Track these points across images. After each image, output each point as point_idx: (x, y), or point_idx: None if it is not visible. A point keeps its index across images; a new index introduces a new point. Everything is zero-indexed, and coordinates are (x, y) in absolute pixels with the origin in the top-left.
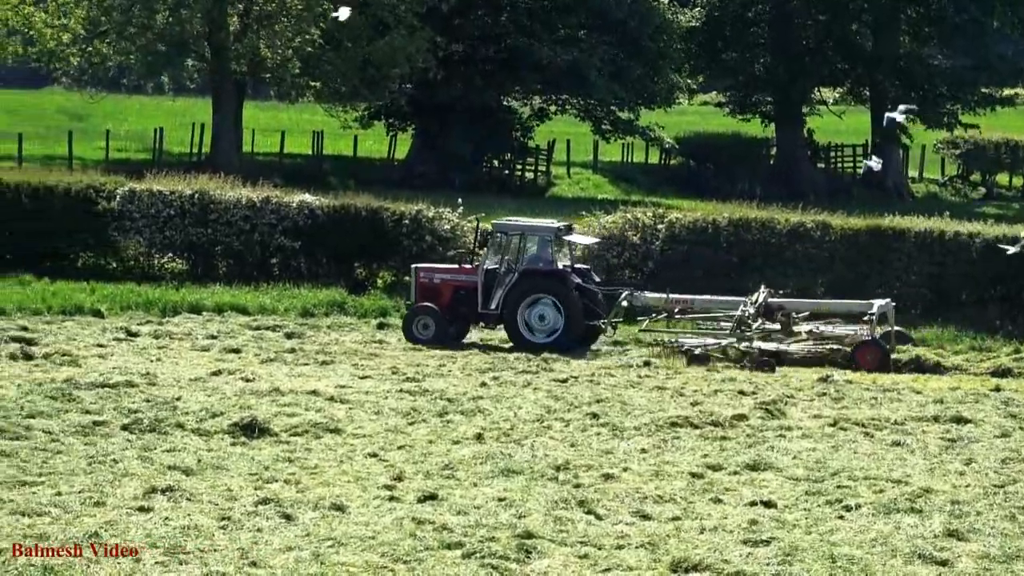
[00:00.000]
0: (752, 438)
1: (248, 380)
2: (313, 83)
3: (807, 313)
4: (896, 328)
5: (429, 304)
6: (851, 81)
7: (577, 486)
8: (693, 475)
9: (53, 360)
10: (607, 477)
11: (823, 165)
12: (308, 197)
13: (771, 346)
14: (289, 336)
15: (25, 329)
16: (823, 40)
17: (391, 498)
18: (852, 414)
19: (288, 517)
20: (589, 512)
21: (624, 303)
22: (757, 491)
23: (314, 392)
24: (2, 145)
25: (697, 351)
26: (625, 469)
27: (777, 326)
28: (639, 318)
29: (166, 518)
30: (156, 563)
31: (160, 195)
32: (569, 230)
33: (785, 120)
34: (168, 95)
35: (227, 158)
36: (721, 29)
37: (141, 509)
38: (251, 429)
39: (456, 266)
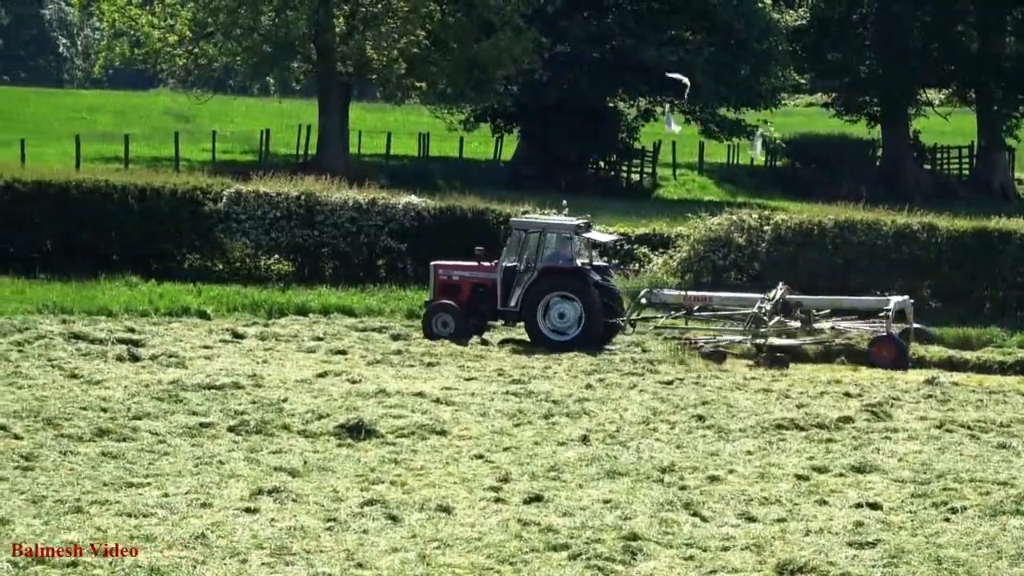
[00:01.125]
0: (858, 440)
1: (354, 382)
2: (419, 84)
3: (828, 310)
4: (916, 325)
5: (448, 301)
6: (957, 83)
7: (683, 488)
8: (799, 477)
9: (160, 362)
10: (712, 479)
11: (929, 166)
12: (414, 199)
13: (783, 342)
14: (395, 338)
15: (132, 331)
16: (929, 41)
17: (497, 499)
18: (958, 416)
19: (394, 518)
20: (694, 514)
21: (644, 300)
22: (863, 493)
23: (420, 394)
24: (109, 146)
25: (712, 348)
26: (731, 471)
27: (796, 323)
28: (658, 316)
29: (272, 519)
30: (262, 564)
31: (266, 196)
32: (587, 227)
33: (891, 121)
34: (274, 96)
35: (333, 159)
36: (827, 30)
37: (247, 510)
38: (357, 430)
39: (475, 263)
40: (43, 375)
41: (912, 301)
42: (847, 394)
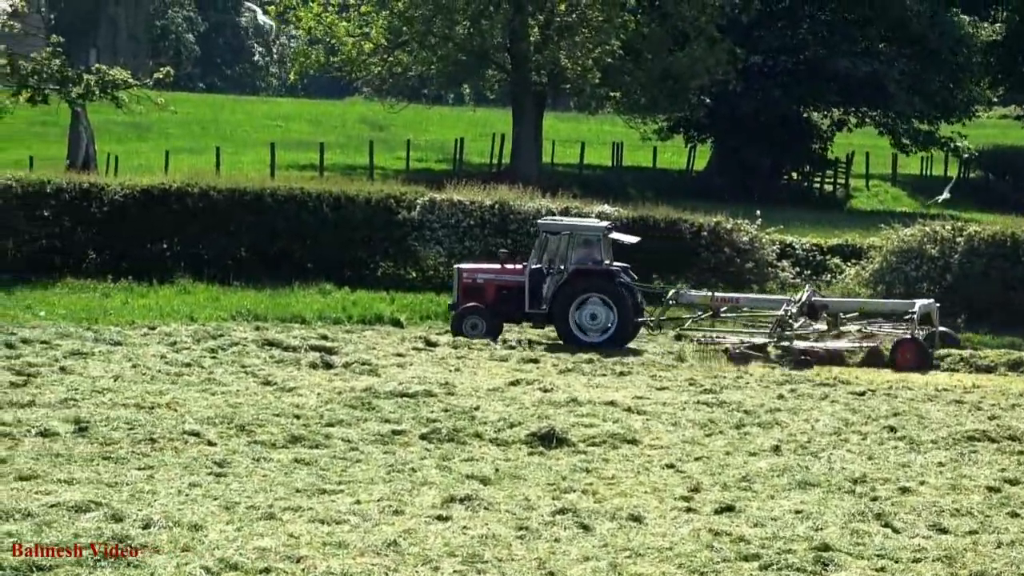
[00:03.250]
0: None
1: (546, 390)
2: (613, 94)
3: (855, 312)
4: (941, 328)
5: (477, 304)
6: None
7: (874, 499)
8: (990, 489)
9: (353, 369)
10: (904, 490)
11: None
12: (607, 208)
13: (806, 345)
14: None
15: (325, 338)
16: None
17: (688, 509)
18: None
19: (585, 527)
20: (886, 525)
21: (671, 301)
22: None
23: (612, 403)
24: (305, 154)
25: (737, 350)
26: (922, 482)
27: (823, 326)
28: (684, 316)
29: (464, 527)
30: (454, 572)
31: (460, 205)
32: (611, 229)
33: None
34: (468, 105)
35: (527, 168)
36: (1022, 43)
37: (439, 518)
38: (549, 439)
39: (499, 266)
40: (237, 382)
41: (938, 304)
42: None
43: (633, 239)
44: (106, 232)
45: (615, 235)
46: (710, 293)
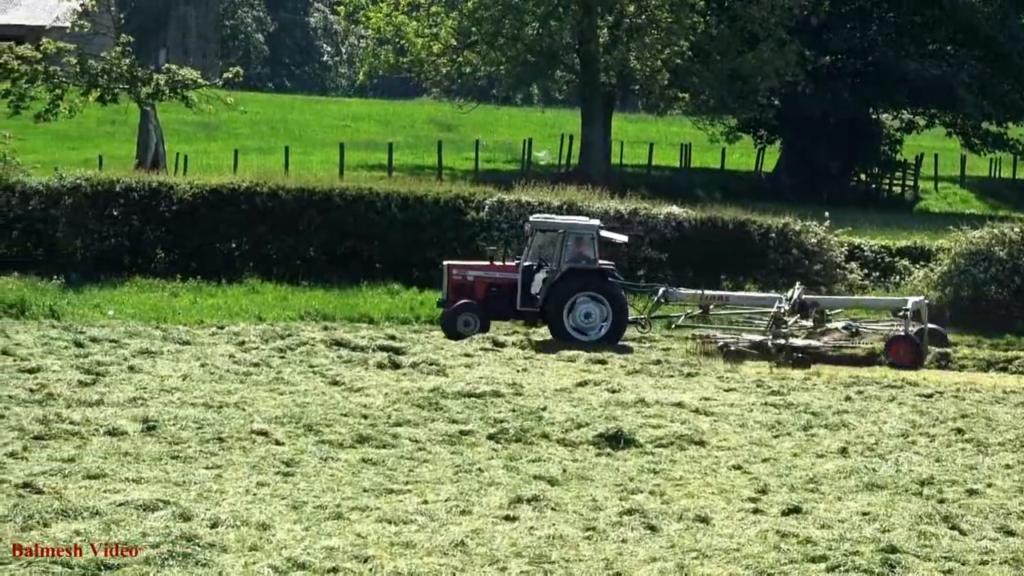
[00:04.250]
0: None
1: (613, 391)
2: (682, 95)
3: (839, 310)
4: (931, 326)
5: (470, 301)
6: None
7: (941, 501)
8: None
9: (420, 369)
10: (971, 492)
11: None
12: (675, 209)
13: (803, 343)
14: (654, 347)
15: (393, 338)
16: None
17: (755, 511)
18: None
19: (653, 528)
20: (953, 527)
21: (662, 300)
22: None
23: (679, 404)
24: (374, 155)
25: (732, 347)
26: (989, 485)
27: (811, 323)
28: (672, 315)
29: (531, 528)
30: (521, 572)
31: (528, 206)
32: (602, 228)
33: None
34: (537, 106)
35: (595, 169)
36: None
37: (507, 518)
38: (616, 440)
39: (488, 263)
40: (305, 381)
41: (928, 301)
42: None
43: (623, 237)
44: (175, 231)
45: (605, 233)
46: (700, 291)
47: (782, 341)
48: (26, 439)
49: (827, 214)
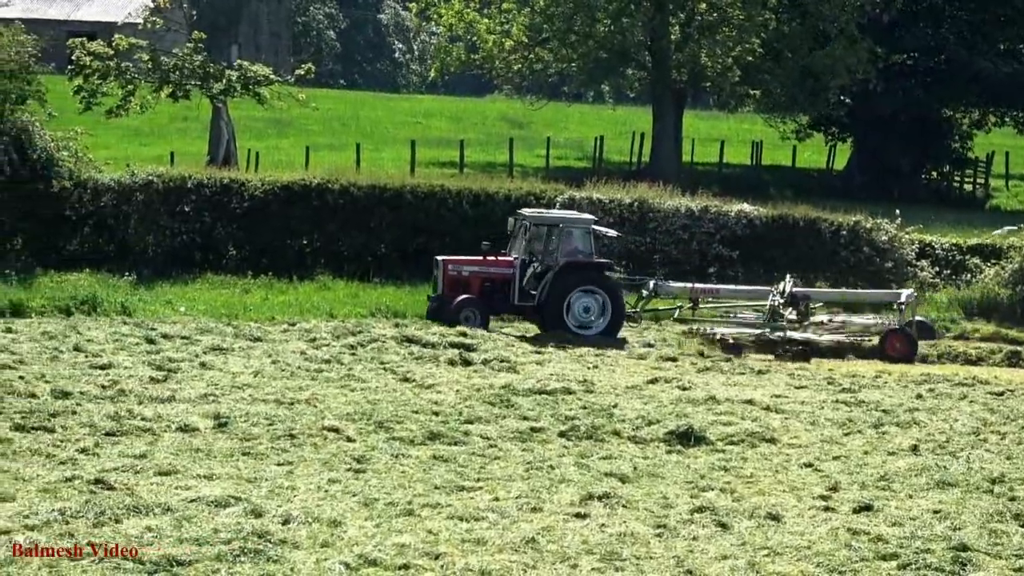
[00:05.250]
0: None
1: (684, 388)
2: (753, 93)
3: (821, 303)
4: (918, 318)
5: (470, 296)
6: None
7: (1012, 499)
8: None
9: (492, 366)
10: None
11: None
12: (746, 206)
13: (801, 336)
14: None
15: (464, 335)
16: None
17: (826, 508)
18: None
19: (723, 526)
20: None
21: (651, 293)
22: None
23: (750, 401)
24: (444, 151)
25: (731, 340)
26: None
27: (794, 315)
28: (662, 308)
29: (602, 525)
30: (592, 569)
31: (599, 203)
32: (595, 222)
33: None
34: (608, 103)
35: (666, 167)
36: None
37: (578, 515)
38: (687, 437)
39: (481, 258)
40: (376, 378)
41: (916, 295)
42: None
43: (613, 232)
44: (246, 228)
45: (597, 228)
46: (689, 284)
47: (781, 334)
48: (98, 435)
49: (898, 212)
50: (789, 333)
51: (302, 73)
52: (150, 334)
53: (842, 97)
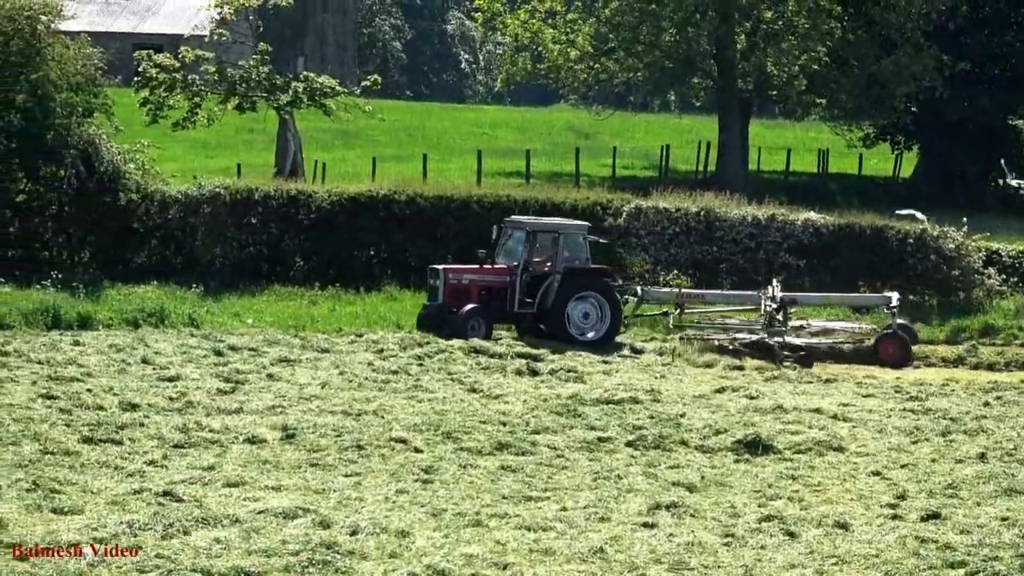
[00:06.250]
0: None
1: (752, 397)
2: (819, 101)
3: (796, 308)
4: (900, 322)
5: (476, 305)
6: None
7: None
8: None
9: (559, 376)
10: None
11: None
12: (813, 215)
13: (800, 341)
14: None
15: (531, 345)
16: None
17: (894, 516)
18: None
19: (791, 534)
20: None
21: (636, 298)
22: None
23: (817, 410)
24: (511, 162)
25: (729, 345)
26: None
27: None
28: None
29: (670, 534)
30: None
31: (666, 212)
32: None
33: None
34: (674, 112)
35: (733, 175)
36: None
37: (645, 525)
38: (754, 446)
39: (478, 266)
40: (443, 389)
41: (900, 297)
42: None
43: (604, 240)
44: (313, 239)
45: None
46: (675, 290)
47: (780, 339)
48: (166, 447)
49: (964, 219)
50: (787, 338)
51: (368, 84)
52: (218, 346)
53: (908, 105)
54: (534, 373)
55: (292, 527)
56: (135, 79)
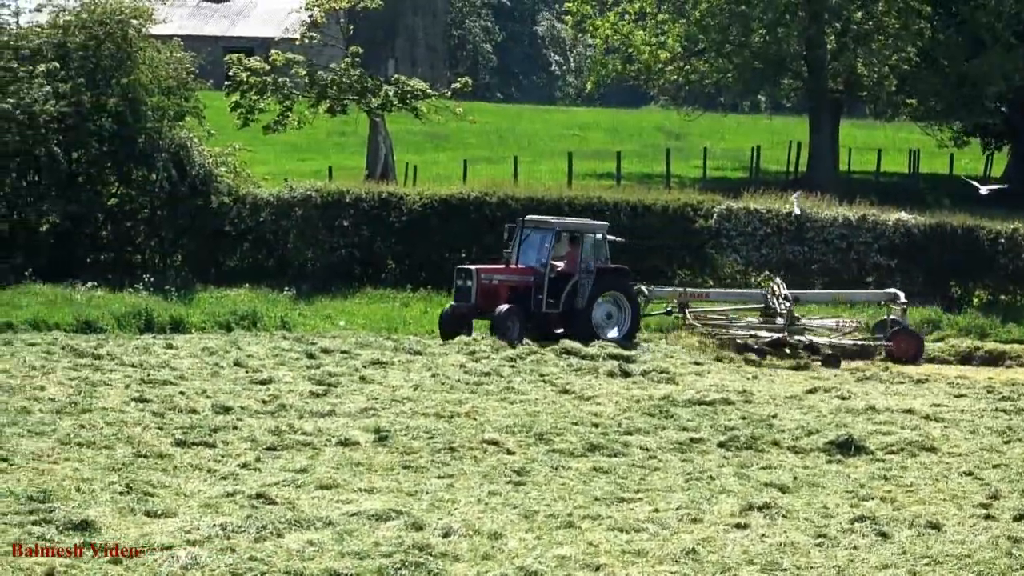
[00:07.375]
0: None
1: (844, 398)
2: (909, 101)
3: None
4: (892, 317)
5: (513, 305)
6: None
7: None
8: None
9: (651, 377)
10: None
11: None
12: (904, 215)
13: (823, 340)
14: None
15: (623, 347)
16: None
17: (987, 516)
18: None
19: (884, 535)
20: None
21: (646, 298)
22: None
23: (909, 410)
24: (601, 163)
25: (752, 343)
26: None
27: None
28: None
29: (762, 535)
30: None
31: (756, 213)
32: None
33: None
34: (764, 113)
35: (823, 176)
36: None
37: (738, 526)
38: (847, 447)
39: (504, 266)
40: (535, 390)
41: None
42: None
43: (619, 239)
44: (405, 241)
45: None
46: (679, 289)
47: (801, 338)
48: (259, 450)
49: None
50: (809, 336)
51: (459, 87)
52: (310, 348)
53: (998, 105)
54: (626, 375)
55: (385, 529)
56: (226, 83)
